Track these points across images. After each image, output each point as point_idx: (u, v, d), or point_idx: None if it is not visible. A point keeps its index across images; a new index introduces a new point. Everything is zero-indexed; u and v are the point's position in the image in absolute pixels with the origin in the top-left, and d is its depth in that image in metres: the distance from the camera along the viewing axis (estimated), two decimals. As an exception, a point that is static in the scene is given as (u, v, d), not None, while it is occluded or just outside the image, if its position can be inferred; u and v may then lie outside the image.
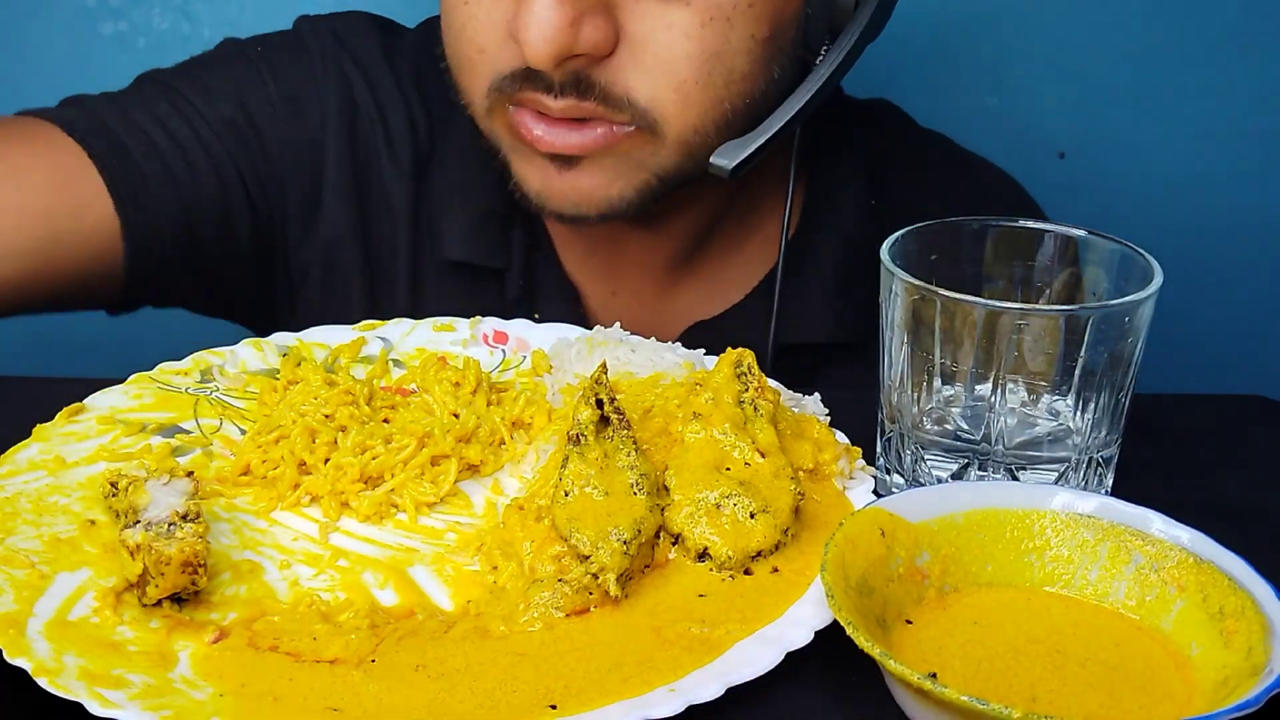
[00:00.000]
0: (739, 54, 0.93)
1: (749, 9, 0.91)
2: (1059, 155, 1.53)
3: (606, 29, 0.90)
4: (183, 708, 0.61)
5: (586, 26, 0.89)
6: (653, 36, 0.91)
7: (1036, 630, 0.67)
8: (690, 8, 0.90)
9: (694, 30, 0.91)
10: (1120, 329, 0.75)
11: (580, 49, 0.89)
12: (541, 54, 0.88)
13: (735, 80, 0.93)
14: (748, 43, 0.93)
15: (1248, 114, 1.50)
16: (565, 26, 0.87)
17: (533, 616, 0.68)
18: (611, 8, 0.90)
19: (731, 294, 1.11)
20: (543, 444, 0.83)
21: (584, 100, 0.92)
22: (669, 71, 0.92)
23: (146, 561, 0.67)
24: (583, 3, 0.88)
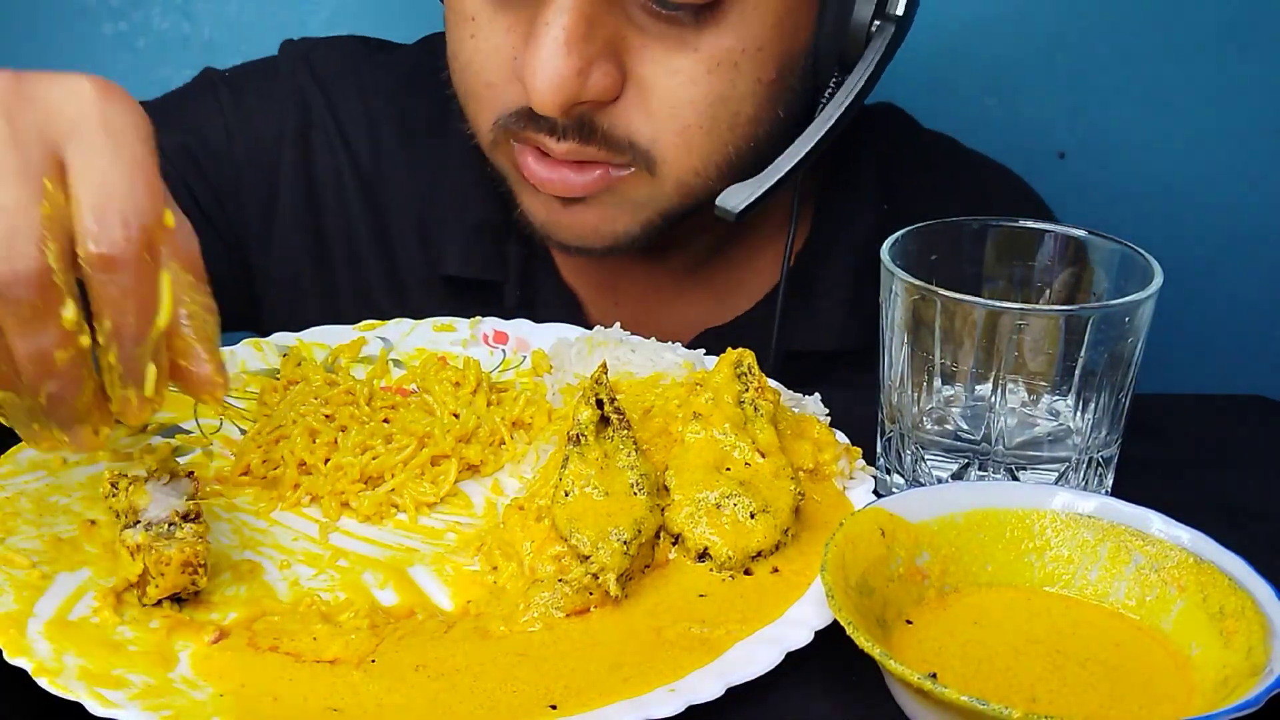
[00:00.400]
0: (744, 99, 0.92)
1: (757, 53, 0.91)
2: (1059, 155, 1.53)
3: (614, 74, 0.90)
4: (183, 708, 0.61)
5: (595, 73, 0.88)
6: (658, 82, 0.90)
7: (1036, 630, 0.67)
8: (697, 53, 0.90)
9: (700, 76, 0.90)
10: (1120, 329, 0.75)
11: (587, 96, 0.89)
12: (548, 102, 0.88)
13: (740, 124, 0.93)
14: (753, 86, 0.92)
15: (1248, 114, 1.50)
16: (572, 76, 0.87)
17: (533, 616, 0.68)
18: (618, 52, 0.90)
19: (741, 302, 1.11)
20: (543, 444, 0.83)
21: (586, 145, 0.92)
22: (673, 116, 0.91)
23: (147, 562, 0.67)
24: (590, 50, 0.88)
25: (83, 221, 0.61)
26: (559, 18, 0.86)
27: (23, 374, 0.62)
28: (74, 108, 0.62)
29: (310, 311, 1.11)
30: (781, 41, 0.92)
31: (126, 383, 0.64)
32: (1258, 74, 1.48)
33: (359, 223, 1.11)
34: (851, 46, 0.93)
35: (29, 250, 0.60)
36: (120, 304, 0.62)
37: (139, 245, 0.61)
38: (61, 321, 0.61)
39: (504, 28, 0.92)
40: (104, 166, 0.61)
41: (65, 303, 0.61)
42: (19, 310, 0.60)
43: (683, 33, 0.89)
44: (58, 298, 0.61)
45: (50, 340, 0.62)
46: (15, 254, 0.59)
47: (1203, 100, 1.50)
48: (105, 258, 0.61)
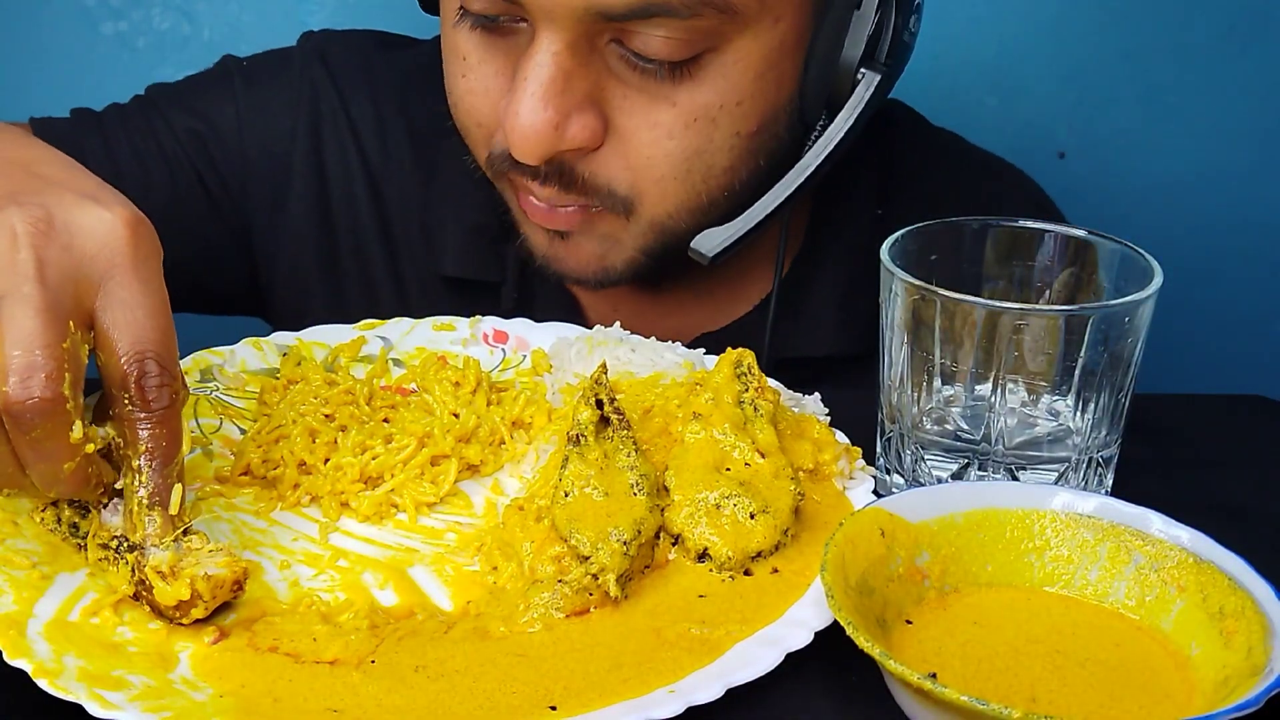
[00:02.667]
0: (719, 151, 0.93)
1: (736, 108, 0.91)
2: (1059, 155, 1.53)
3: (594, 125, 0.90)
4: (183, 708, 0.61)
5: (573, 125, 0.89)
6: (637, 134, 0.91)
7: (1036, 630, 0.67)
8: (675, 107, 0.90)
9: (677, 130, 0.91)
10: (1120, 329, 0.75)
11: (565, 147, 0.90)
12: (526, 154, 0.89)
13: (714, 175, 0.94)
14: (730, 140, 0.92)
15: (1248, 114, 1.50)
16: (549, 130, 0.88)
17: (533, 617, 0.68)
18: (599, 102, 0.90)
19: (738, 307, 1.11)
20: (543, 444, 0.83)
21: (567, 192, 0.93)
22: (650, 167, 0.92)
23: (197, 586, 0.67)
24: (567, 104, 0.88)
25: (124, 371, 0.67)
26: (537, 72, 0.87)
27: (37, 483, 0.68)
28: (107, 256, 0.67)
29: (315, 303, 1.12)
30: (764, 95, 0.92)
31: (153, 504, 0.69)
32: (1258, 74, 1.48)
33: (365, 218, 1.12)
34: (838, 91, 0.93)
35: (47, 384, 0.64)
36: (157, 438, 0.68)
37: (175, 386, 0.68)
38: (70, 439, 0.66)
39: (493, 70, 0.93)
40: (137, 314, 0.67)
41: (74, 425, 0.66)
42: (31, 432, 0.65)
43: (661, 86, 0.90)
44: (67, 421, 0.66)
45: (59, 456, 0.67)
46: (34, 385, 0.64)
47: (1203, 100, 1.50)
48: (148, 403, 0.68)
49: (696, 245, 0.92)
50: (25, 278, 0.65)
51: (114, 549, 0.69)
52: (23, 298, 0.65)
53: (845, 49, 0.91)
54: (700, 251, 0.92)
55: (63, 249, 0.66)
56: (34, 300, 0.65)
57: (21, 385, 0.64)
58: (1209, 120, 1.50)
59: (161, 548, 0.68)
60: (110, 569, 0.70)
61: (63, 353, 0.65)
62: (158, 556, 0.68)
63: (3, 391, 0.64)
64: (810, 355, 1.06)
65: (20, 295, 0.65)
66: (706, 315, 1.10)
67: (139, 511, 0.69)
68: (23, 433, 0.65)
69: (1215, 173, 1.52)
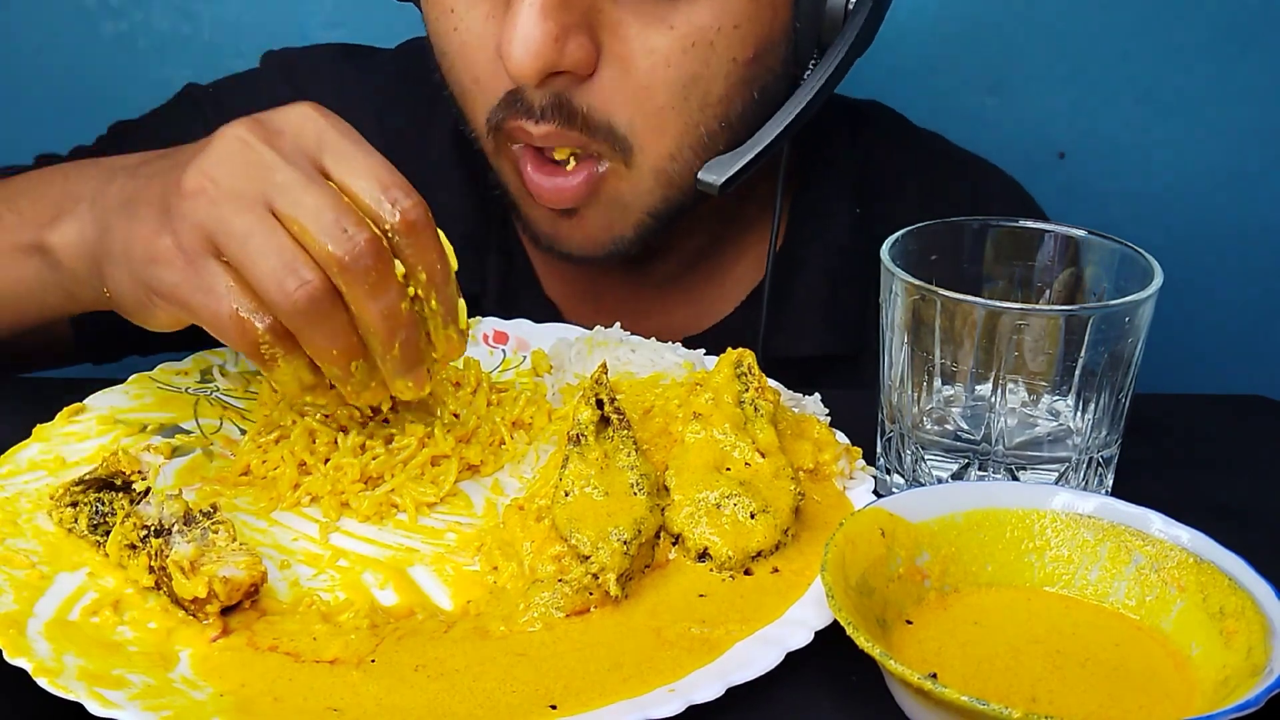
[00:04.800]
0: (716, 78, 0.92)
1: (733, 31, 0.91)
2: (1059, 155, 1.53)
3: (589, 47, 0.89)
4: (183, 708, 0.61)
5: (570, 43, 0.88)
6: (634, 60, 0.90)
7: (1036, 630, 0.67)
8: (674, 31, 0.89)
9: (675, 56, 0.90)
10: (1120, 329, 0.75)
11: (564, 65, 0.88)
12: (525, 68, 0.87)
13: (710, 104, 0.93)
14: (727, 66, 0.92)
15: (1248, 114, 1.50)
16: (549, 42, 0.87)
17: (533, 617, 0.68)
18: (594, 27, 0.89)
19: (719, 308, 1.10)
20: (543, 444, 0.83)
21: (567, 128, 0.91)
22: (648, 97, 0.91)
23: (215, 586, 0.67)
24: (567, 18, 0.87)
25: (377, 202, 0.72)
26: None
27: (377, 333, 0.72)
28: (311, 126, 0.74)
29: None
30: (759, 20, 0.92)
31: (448, 322, 0.76)
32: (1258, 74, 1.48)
33: None
34: (829, 27, 0.93)
35: (359, 229, 0.70)
36: (428, 256, 0.73)
37: (423, 206, 0.73)
38: (398, 277, 0.72)
39: (483, 15, 0.92)
40: (363, 159, 0.73)
41: (394, 262, 0.72)
42: (367, 277, 0.71)
43: (657, 9, 0.89)
44: (390, 258, 0.72)
45: (394, 296, 0.72)
46: (352, 233, 0.70)
47: (1203, 100, 1.50)
48: (407, 222, 0.72)
49: (704, 175, 0.92)
50: (280, 166, 0.72)
51: (141, 539, 0.69)
52: (292, 181, 0.71)
53: None
54: (708, 181, 0.92)
55: (280, 136, 0.73)
56: (300, 176, 0.71)
57: (343, 238, 0.70)
58: (1209, 120, 1.50)
59: (186, 540, 0.68)
60: (131, 562, 0.69)
61: (351, 201, 0.71)
62: (180, 551, 0.68)
63: (333, 255, 0.70)
64: (792, 355, 1.06)
65: (289, 180, 0.71)
66: (689, 317, 1.10)
67: (439, 332, 0.75)
68: (360, 283, 0.70)
69: (1215, 173, 1.52)
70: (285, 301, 0.70)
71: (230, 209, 0.70)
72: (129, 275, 0.75)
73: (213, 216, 0.71)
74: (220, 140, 0.73)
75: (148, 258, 0.73)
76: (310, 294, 0.70)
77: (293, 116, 0.74)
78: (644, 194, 0.95)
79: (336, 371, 0.73)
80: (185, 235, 0.71)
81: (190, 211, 0.71)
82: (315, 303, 0.70)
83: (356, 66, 1.14)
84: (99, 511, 0.73)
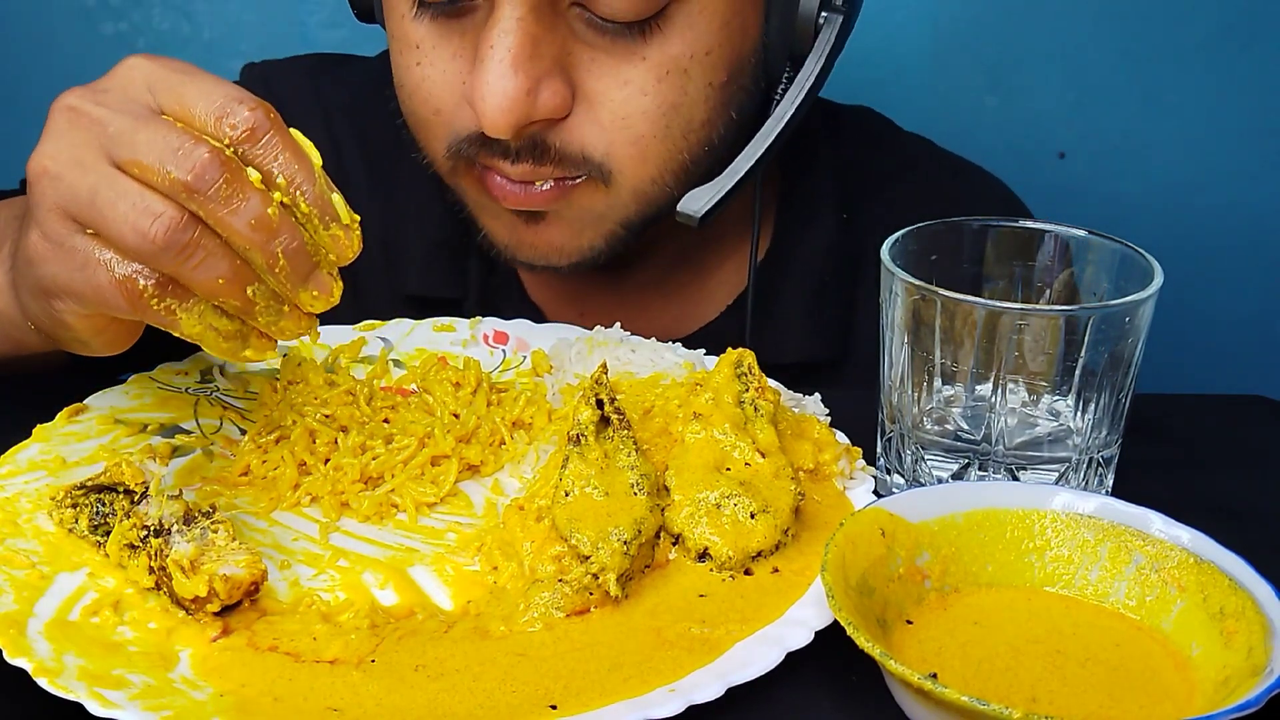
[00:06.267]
0: (696, 104, 0.92)
1: (705, 58, 0.90)
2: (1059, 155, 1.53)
3: (563, 91, 0.89)
4: (183, 708, 0.61)
5: (544, 92, 0.88)
6: (609, 94, 0.90)
7: (1036, 630, 0.67)
8: (646, 62, 0.89)
9: (650, 86, 0.89)
10: (1120, 329, 0.75)
11: (538, 116, 0.88)
12: (499, 125, 0.87)
13: (694, 129, 0.92)
14: (705, 91, 0.91)
15: (1248, 114, 1.50)
16: (521, 97, 0.86)
17: (533, 616, 0.68)
18: (566, 68, 0.89)
19: (704, 312, 1.10)
20: (543, 444, 0.83)
21: (540, 166, 0.91)
22: (626, 127, 0.90)
23: (215, 585, 0.67)
24: (537, 69, 0.87)
25: (211, 119, 0.68)
26: (504, 39, 0.86)
27: (252, 248, 0.68)
28: (138, 74, 0.71)
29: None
30: (730, 43, 0.91)
31: (327, 222, 0.71)
32: (1258, 74, 1.48)
33: None
34: (800, 40, 0.92)
35: (198, 145, 0.67)
36: (281, 158, 0.69)
37: (262, 110, 0.69)
38: (254, 183, 0.68)
39: (449, 54, 0.91)
40: (194, 86, 0.69)
41: (245, 169, 0.68)
42: (220, 192, 0.67)
43: (629, 43, 0.88)
44: (238, 166, 0.68)
45: (256, 203, 0.68)
46: (190, 153, 0.67)
47: (1203, 100, 1.50)
48: (248, 130, 0.68)
49: (683, 208, 0.90)
50: (110, 118, 0.69)
51: (141, 539, 0.69)
52: (124, 127, 0.68)
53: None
54: (688, 213, 0.90)
55: (110, 93, 0.70)
56: (131, 120, 0.69)
57: (181, 160, 0.67)
58: (1209, 120, 1.50)
59: (186, 540, 0.68)
60: (131, 562, 0.69)
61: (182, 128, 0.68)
62: (180, 550, 0.68)
63: (177, 179, 0.66)
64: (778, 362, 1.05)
65: (121, 127, 0.69)
66: (673, 320, 1.10)
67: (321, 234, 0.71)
68: (214, 200, 0.67)
69: (1215, 173, 1.52)
70: (146, 243, 0.67)
71: (73, 177, 0.68)
72: (27, 292, 0.74)
73: (59, 192, 0.69)
74: (52, 116, 0.71)
75: (27, 261, 0.71)
76: (168, 227, 0.67)
77: (120, 70, 0.71)
78: (619, 207, 0.95)
79: (236, 303, 0.70)
80: (46, 222, 0.69)
81: (41, 196, 0.69)
82: (176, 234, 0.67)
83: (334, 76, 1.14)
84: (99, 512, 0.73)
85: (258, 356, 0.74)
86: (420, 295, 1.08)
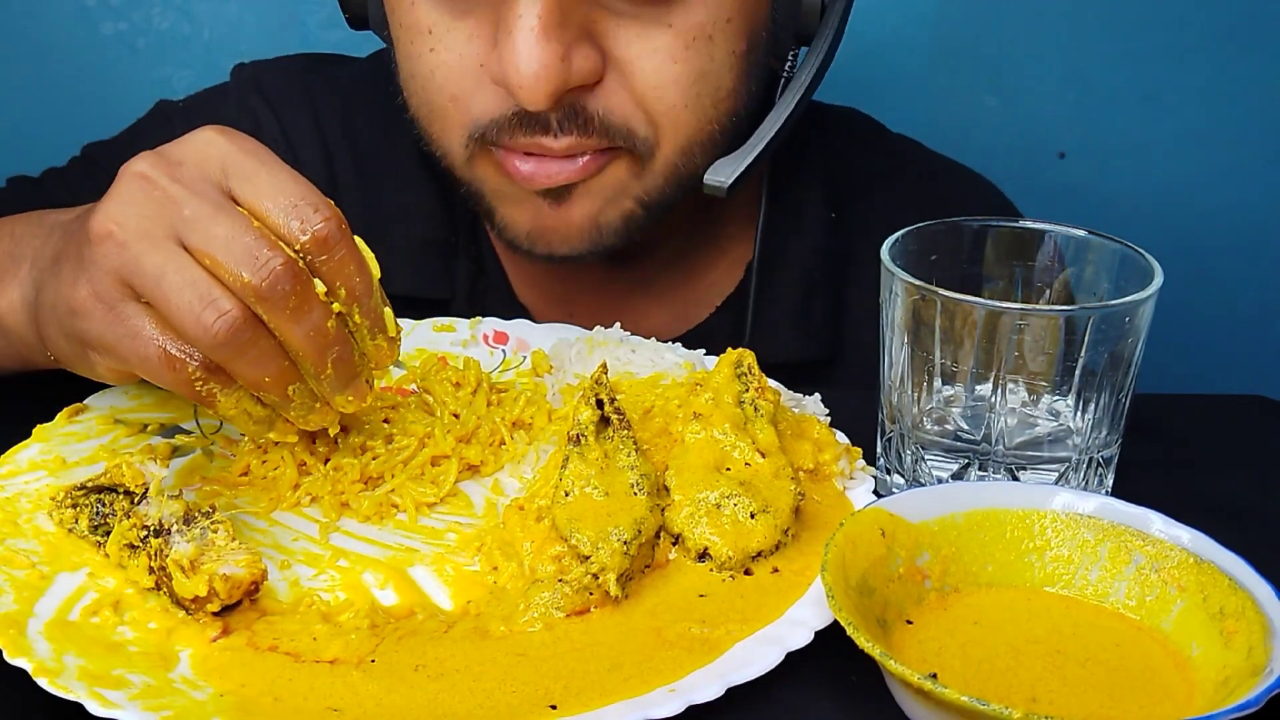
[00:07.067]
0: (723, 72, 0.92)
1: (728, 24, 0.91)
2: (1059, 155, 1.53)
3: (594, 56, 0.89)
4: (183, 708, 0.61)
5: (576, 57, 0.87)
6: (640, 61, 0.90)
7: (1036, 630, 0.67)
8: (673, 29, 0.89)
9: (679, 52, 0.90)
10: (1120, 329, 0.75)
11: (574, 82, 0.88)
12: (539, 94, 0.86)
13: (722, 98, 0.93)
14: (729, 59, 0.92)
15: (1248, 114, 1.50)
16: (556, 63, 0.86)
17: (533, 616, 0.68)
18: (595, 36, 0.89)
19: (694, 314, 1.10)
20: (543, 444, 0.83)
21: (586, 136, 0.90)
22: (660, 97, 0.91)
23: (215, 584, 0.67)
24: (568, 35, 0.86)
25: (287, 222, 0.70)
26: (531, 7, 0.85)
27: (306, 355, 0.71)
28: (214, 151, 0.72)
29: None
30: (746, 12, 0.92)
31: (375, 333, 0.74)
32: (1258, 74, 1.48)
33: None
34: (807, 18, 0.93)
35: (273, 253, 0.69)
36: (346, 270, 0.71)
37: (335, 220, 0.71)
38: (320, 296, 0.71)
39: (465, 36, 0.90)
40: (269, 178, 0.71)
41: (313, 281, 0.70)
42: (288, 302, 0.69)
43: (654, 10, 0.89)
44: (308, 278, 0.70)
45: (319, 315, 0.71)
46: (264, 261, 0.68)
47: (1203, 100, 1.50)
48: (319, 239, 0.70)
49: (710, 178, 0.92)
50: (186, 200, 0.70)
51: (141, 539, 0.69)
52: (199, 213, 0.69)
53: None
54: (715, 183, 0.91)
55: (183, 168, 0.71)
56: (207, 207, 0.69)
57: (257, 266, 0.68)
58: (1209, 120, 1.50)
59: (185, 540, 0.68)
60: (131, 563, 0.69)
61: (257, 229, 0.69)
62: (180, 550, 0.68)
63: (249, 284, 0.68)
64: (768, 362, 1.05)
65: (196, 212, 0.69)
66: (664, 321, 1.09)
67: (367, 342, 0.74)
68: (280, 308, 0.69)
69: (1215, 173, 1.52)
70: (206, 336, 0.68)
71: (140, 249, 0.69)
72: (60, 332, 0.74)
73: (124, 260, 0.69)
74: (123, 180, 0.71)
75: (70, 311, 0.72)
76: (230, 325, 0.68)
77: (195, 143, 0.72)
78: (647, 184, 0.95)
79: (275, 398, 0.72)
80: (100, 283, 0.70)
81: (101, 258, 0.70)
82: (236, 334, 0.68)
83: (325, 76, 1.14)
84: (99, 512, 0.73)
85: (280, 438, 0.77)
86: (407, 295, 1.07)
